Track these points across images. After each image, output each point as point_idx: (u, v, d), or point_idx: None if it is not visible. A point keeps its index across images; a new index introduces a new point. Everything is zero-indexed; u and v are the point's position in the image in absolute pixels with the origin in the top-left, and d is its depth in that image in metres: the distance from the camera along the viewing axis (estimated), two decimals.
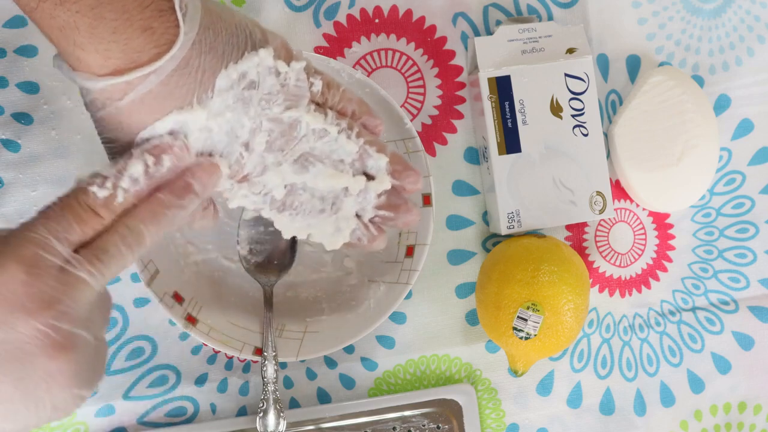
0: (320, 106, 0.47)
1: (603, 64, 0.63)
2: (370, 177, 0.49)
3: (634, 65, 0.64)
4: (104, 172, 0.40)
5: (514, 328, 0.56)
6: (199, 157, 0.43)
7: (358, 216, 0.49)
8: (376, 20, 0.61)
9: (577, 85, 0.59)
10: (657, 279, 0.64)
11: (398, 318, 0.62)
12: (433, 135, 0.62)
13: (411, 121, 0.58)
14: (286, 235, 0.48)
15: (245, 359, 0.61)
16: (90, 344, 0.38)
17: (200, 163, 0.43)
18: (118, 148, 0.42)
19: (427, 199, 0.58)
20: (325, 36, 0.61)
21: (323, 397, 0.62)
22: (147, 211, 0.40)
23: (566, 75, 0.59)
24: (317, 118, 0.46)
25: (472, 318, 0.63)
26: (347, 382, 0.62)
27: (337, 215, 0.49)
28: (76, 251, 0.38)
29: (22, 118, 0.59)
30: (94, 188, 0.39)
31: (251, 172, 0.45)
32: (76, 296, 0.37)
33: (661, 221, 0.65)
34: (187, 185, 0.42)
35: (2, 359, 0.35)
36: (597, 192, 0.60)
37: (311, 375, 0.62)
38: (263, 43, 0.44)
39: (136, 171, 0.40)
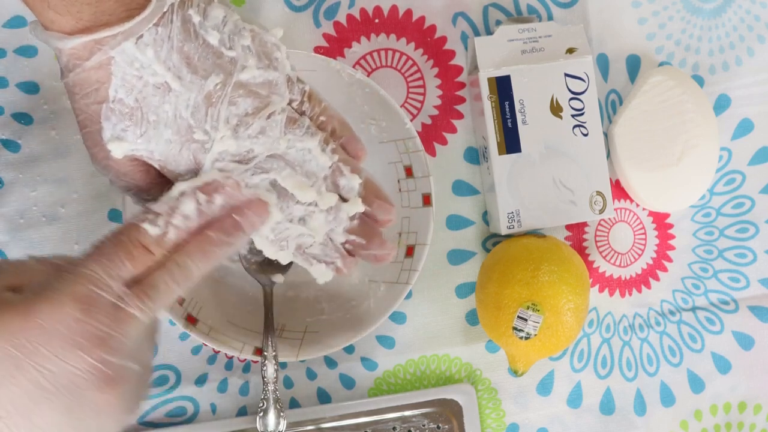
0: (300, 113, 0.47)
1: (603, 64, 0.63)
2: (343, 199, 0.48)
3: (634, 65, 0.64)
4: (156, 209, 0.41)
5: (514, 328, 0.56)
6: (249, 195, 0.44)
7: (329, 238, 0.49)
8: (376, 20, 0.61)
9: (577, 85, 0.59)
10: (657, 279, 0.64)
11: (398, 318, 0.62)
12: (433, 135, 0.62)
13: (411, 121, 0.58)
14: (258, 245, 0.47)
15: (245, 359, 0.61)
16: (137, 374, 0.39)
17: (250, 202, 0.43)
18: (90, 123, 0.43)
19: (427, 199, 0.58)
20: (325, 36, 0.61)
21: (323, 397, 0.62)
22: (196, 248, 0.41)
23: (566, 75, 0.59)
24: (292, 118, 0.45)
25: (472, 318, 0.63)
26: (347, 382, 0.62)
27: (304, 228, 0.48)
28: (127, 286, 0.39)
29: (22, 118, 0.59)
30: (146, 225, 0.40)
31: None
32: (127, 331, 0.38)
33: (661, 221, 0.65)
34: (237, 224, 0.42)
35: (55, 391, 0.36)
36: (597, 192, 0.60)
37: (311, 375, 0.62)
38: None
39: (189, 209, 0.41)
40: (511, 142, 0.59)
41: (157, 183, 0.46)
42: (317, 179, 0.47)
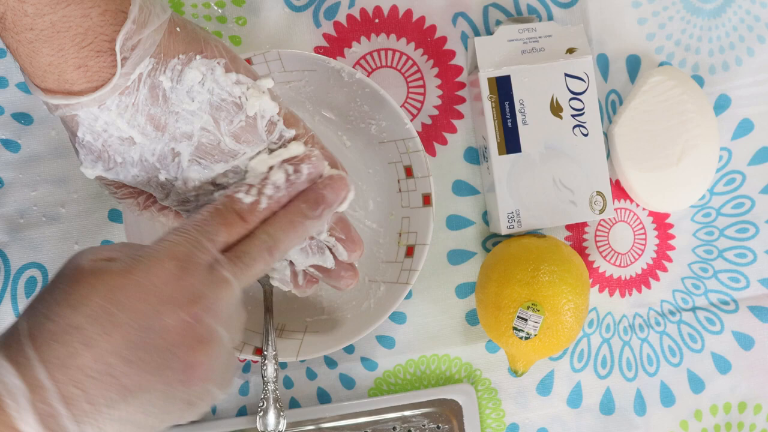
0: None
1: (603, 64, 0.63)
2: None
3: (634, 65, 0.64)
4: (249, 181, 0.43)
5: (514, 328, 0.56)
6: (331, 169, 0.46)
7: (291, 263, 0.51)
8: (376, 20, 0.61)
9: (577, 85, 0.59)
10: (657, 279, 0.64)
11: (398, 318, 0.62)
12: (433, 135, 0.62)
13: (411, 121, 0.58)
14: None
15: (245, 359, 0.61)
16: (226, 343, 0.40)
17: (332, 176, 0.45)
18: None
19: (427, 199, 0.58)
20: (325, 36, 0.61)
21: (323, 397, 0.62)
22: (285, 220, 0.43)
23: (566, 75, 0.59)
24: (261, 164, 0.46)
25: (472, 318, 0.63)
26: (347, 382, 0.62)
27: None
28: (222, 252, 0.40)
29: (22, 118, 0.59)
30: (240, 195, 0.42)
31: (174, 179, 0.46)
32: (220, 294, 0.39)
33: (661, 221, 0.65)
34: (321, 196, 0.44)
35: (147, 347, 0.37)
36: (597, 192, 0.60)
37: (311, 375, 0.62)
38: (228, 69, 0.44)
39: (279, 179, 0.43)
40: (511, 142, 0.59)
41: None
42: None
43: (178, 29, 0.42)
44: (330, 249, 0.50)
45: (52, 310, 0.36)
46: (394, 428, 0.60)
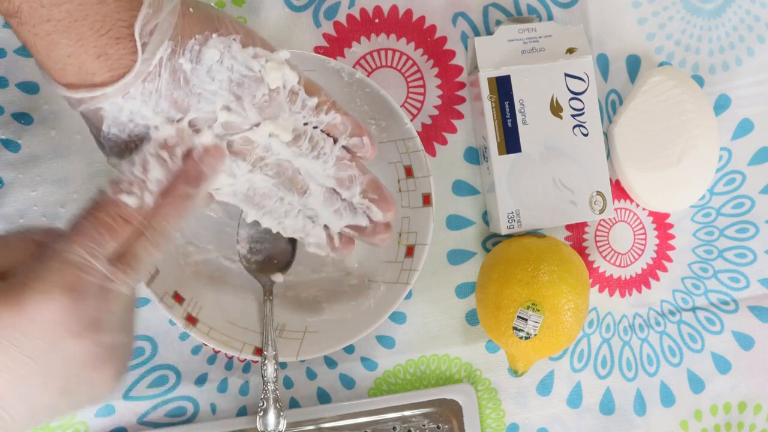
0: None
1: (603, 64, 0.63)
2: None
3: (634, 65, 0.64)
4: (126, 177, 0.42)
5: (514, 328, 0.56)
6: (208, 141, 0.45)
7: (325, 226, 0.51)
8: (376, 20, 0.61)
9: (577, 85, 0.59)
10: (657, 279, 0.64)
11: (398, 318, 0.62)
12: (433, 135, 0.62)
13: (411, 121, 0.58)
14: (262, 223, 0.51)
15: (245, 359, 0.61)
16: (126, 344, 0.41)
17: (207, 149, 0.44)
18: (97, 138, 0.44)
19: (427, 199, 0.58)
20: (325, 36, 0.61)
21: (323, 397, 0.62)
22: (170, 207, 0.42)
23: (566, 75, 0.59)
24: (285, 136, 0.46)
25: (472, 318, 0.63)
26: (347, 382, 0.62)
27: (305, 221, 0.51)
28: (111, 262, 0.40)
29: (22, 118, 0.59)
30: (124, 197, 0.41)
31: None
32: (115, 309, 0.40)
33: (661, 221, 0.65)
34: (200, 173, 0.44)
35: (51, 376, 0.38)
36: (597, 192, 0.60)
37: (311, 375, 0.62)
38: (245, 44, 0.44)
39: (159, 173, 0.42)
40: (511, 142, 0.59)
41: None
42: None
43: (191, 10, 0.43)
44: (364, 210, 0.51)
45: None
46: (394, 428, 0.60)
